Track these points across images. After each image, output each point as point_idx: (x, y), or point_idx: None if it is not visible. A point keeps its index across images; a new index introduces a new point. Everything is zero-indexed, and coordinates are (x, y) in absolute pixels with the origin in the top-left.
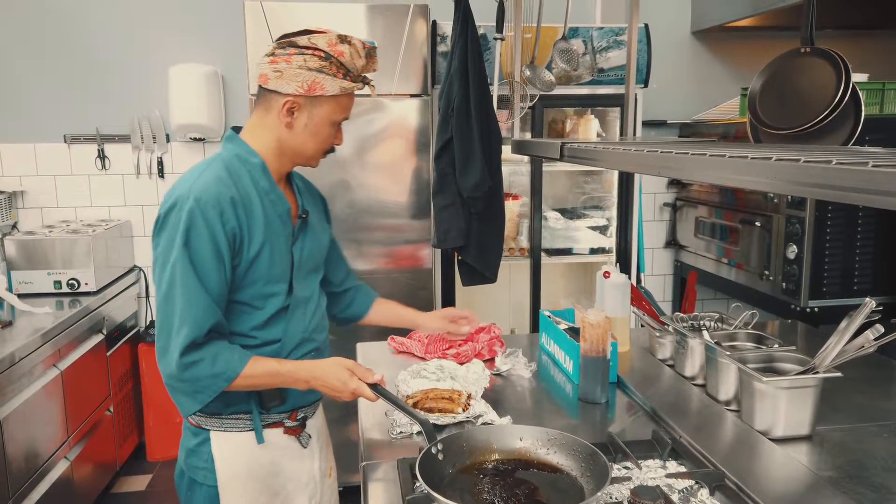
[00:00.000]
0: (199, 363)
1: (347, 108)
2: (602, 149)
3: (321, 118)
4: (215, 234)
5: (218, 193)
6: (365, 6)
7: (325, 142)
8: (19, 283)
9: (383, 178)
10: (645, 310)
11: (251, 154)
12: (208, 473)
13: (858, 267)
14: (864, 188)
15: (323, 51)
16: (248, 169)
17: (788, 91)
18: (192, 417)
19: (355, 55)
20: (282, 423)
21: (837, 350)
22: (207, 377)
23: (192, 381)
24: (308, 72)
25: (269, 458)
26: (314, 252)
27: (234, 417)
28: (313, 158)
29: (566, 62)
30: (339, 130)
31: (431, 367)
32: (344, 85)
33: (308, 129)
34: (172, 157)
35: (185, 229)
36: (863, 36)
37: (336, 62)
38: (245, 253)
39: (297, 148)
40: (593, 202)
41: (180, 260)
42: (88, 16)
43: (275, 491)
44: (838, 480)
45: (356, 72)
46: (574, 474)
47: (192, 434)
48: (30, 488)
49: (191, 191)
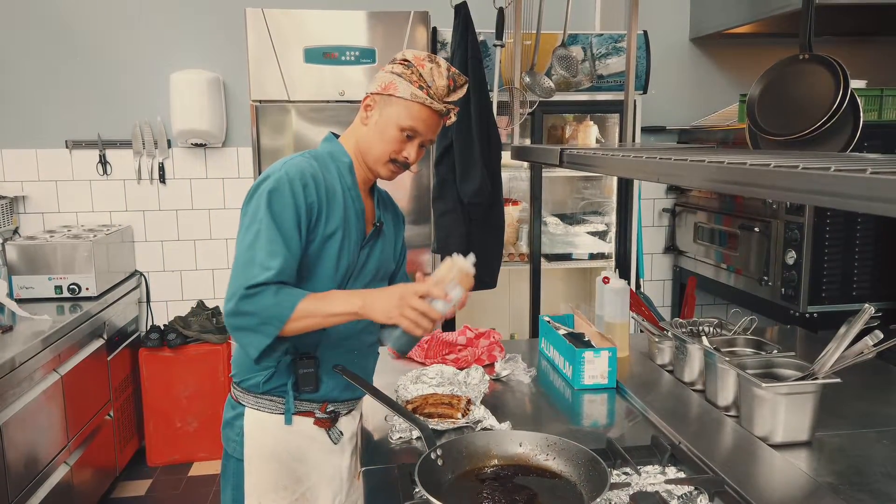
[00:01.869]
0: (262, 293)
1: (418, 119)
2: (601, 155)
3: (389, 117)
4: (297, 202)
5: (304, 169)
6: (366, 13)
7: (390, 145)
8: (20, 288)
9: (384, 184)
10: (644, 315)
11: (343, 154)
12: (237, 447)
13: (857, 272)
14: (863, 195)
15: (408, 60)
16: (337, 165)
17: (787, 97)
18: (233, 391)
19: (436, 72)
20: (312, 412)
21: (837, 356)
22: (270, 305)
23: (254, 314)
24: (390, 74)
25: (295, 443)
26: (380, 263)
27: (267, 398)
28: (378, 161)
29: (565, 69)
30: (412, 145)
31: (431, 372)
32: (416, 93)
33: (377, 126)
34: (174, 162)
35: (269, 193)
36: (860, 43)
37: (416, 72)
38: (321, 229)
39: (366, 146)
40: (593, 208)
41: (265, 219)
42: (91, 22)
43: (297, 477)
44: (838, 486)
45: (435, 89)
46: (573, 480)
47: (231, 406)
48: (30, 493)
49: (283, 166)
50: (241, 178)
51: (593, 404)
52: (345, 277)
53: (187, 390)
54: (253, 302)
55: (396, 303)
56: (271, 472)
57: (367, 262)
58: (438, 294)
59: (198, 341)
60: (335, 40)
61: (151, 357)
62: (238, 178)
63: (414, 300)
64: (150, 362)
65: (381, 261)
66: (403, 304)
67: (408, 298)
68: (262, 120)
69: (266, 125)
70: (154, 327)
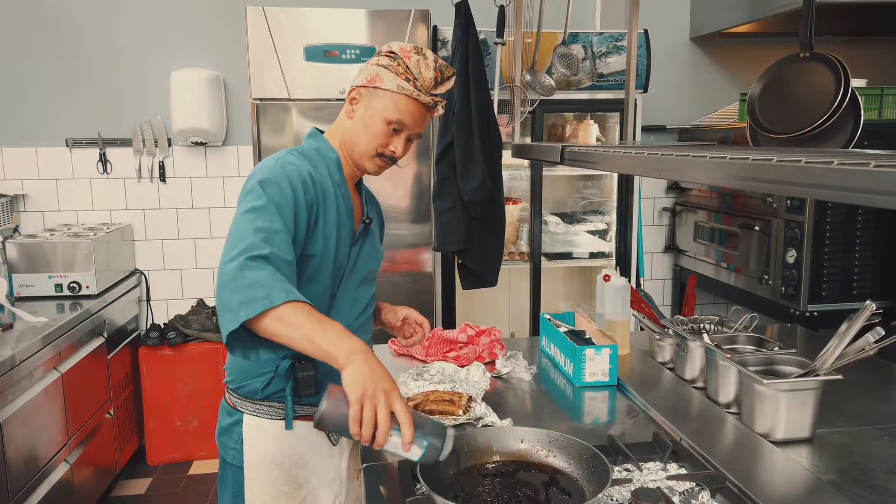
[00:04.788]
0: (261, 268)
1: (404, 111)
2: (602, 152)
3: (375, 111)
4: (297, 197)
5: (301, 167)
6: (366, 11)
7: (376, 139)
8: (20, 287)
9: (384, 182)
10: (645, 313)
11: (329, 150)
12: (236, 454)
13: (858, 271)
14: (867, 188)
15: (394, 52)
16: (325, 161)
17: (788, 95)
18: (228, 397)
19: (423, 64)
20: (311, 416)
21: (838, 353)
22: (268, 281)
23: (248, 287)
24: (376, 67)
25: (296, 449)
26: (369, 261)
27: (266, 404)
28: (365, 156)
29: (566, 67)
30: (399, 138)
31: (432, 369)
32: (402, 85)
33: (363, 120)
34: (174, 161)
35: (267, 184)
36: (860, 42)
37: (403, 64)
38: (321, 228)
39: (352, 140)
40: (593, 207)
41: (262, 200)
42: (91, 20)
43: (298, 483)
44: (839, 483)
45: (422, 81)
46: (575, 476)
47: (227, 413)
48: (29, 491)
49: (276, 162)
50: (241, 177)
51: (594, 401)
52: (335, 279)
53: (187, 389)
54: (251, 272)
55: (372, 388)
56: (273, 478)
57: (357, 262)
58: (408, 437)
59: (198, 340)
60: (336, 38)
61: (151, 356)
62: (238, 176)
63: (386, 406)
64: (150, 361)
65: (370, 259)
66: (376, 398)
67: (386, 398)
68: (262, 118)
69: (266, 123)
70: (154, 326)
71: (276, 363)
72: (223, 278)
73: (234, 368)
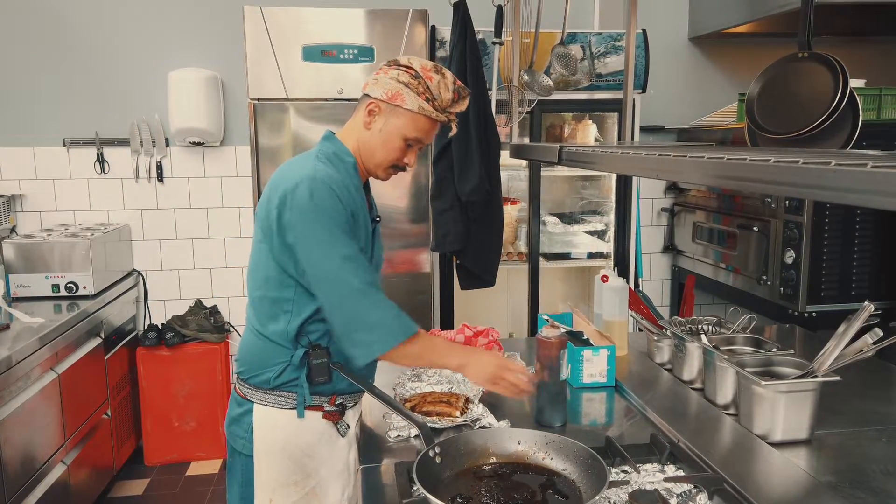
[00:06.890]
0: (382, 299)
1: (423, 130)
2: (600, 152)
3: (394, 128)
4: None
5: (332, 177)
6: (364, 11)
7: (393, 153)
8: (17, 287)
9: (382, 183)
10: (643, 314)
11: (346, 153)
12: (246, 443)
13: (856, 272)
14: (864, 189)
15: (415, 70)
16: (345, 166)
17: (786, 96)
18: (239, 387)
19: (442, 85)
20: (321, 406)
21: (836, 354)
22: (394, 315)
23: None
24: (396, 83)
25: (305, 439)
26: (378, 259)
27: (276, 393)
28: (379, 167)
29: (564, 67)
30: (413, 152)
31: (430, 370)
32: (423, 106)
33: (381, 134)
34: (172, 161)
35: (323, 205)
36: (859, 42)
37: (423, 83)
38: (354, 230)
39: (368, 151)
40: (591, 207)
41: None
42: (89, 20)
43: (307, 473)
44: (837, 485)
45: (440, 102)
46: (572, 478)
47: (237, 403)
48: (26, 492)
49: (315, 171)
50: (239, 177)
51: (592, 403)
52: None
53: (185, 389)
54: (379, 304)
55: (492, 371)
56: (282, 467)
57: (372, 261)
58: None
59: (195, 340)
60: (333, 38)
61: (149, 356)
62: (236, 176)
63: (508, 374)
64: (148, 361)
65: (379, 257)
66: (499, 376)
67: (502, 372)
68: (260, 118)
69: (264, 123)
70: (151, 326)
71: (290, 353)
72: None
73: (247, 360)
